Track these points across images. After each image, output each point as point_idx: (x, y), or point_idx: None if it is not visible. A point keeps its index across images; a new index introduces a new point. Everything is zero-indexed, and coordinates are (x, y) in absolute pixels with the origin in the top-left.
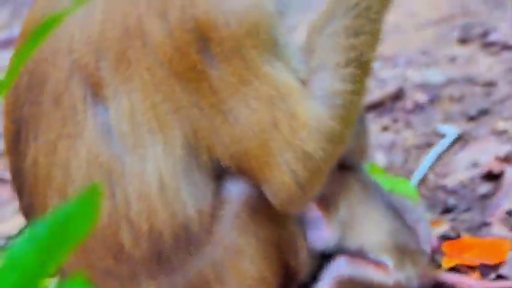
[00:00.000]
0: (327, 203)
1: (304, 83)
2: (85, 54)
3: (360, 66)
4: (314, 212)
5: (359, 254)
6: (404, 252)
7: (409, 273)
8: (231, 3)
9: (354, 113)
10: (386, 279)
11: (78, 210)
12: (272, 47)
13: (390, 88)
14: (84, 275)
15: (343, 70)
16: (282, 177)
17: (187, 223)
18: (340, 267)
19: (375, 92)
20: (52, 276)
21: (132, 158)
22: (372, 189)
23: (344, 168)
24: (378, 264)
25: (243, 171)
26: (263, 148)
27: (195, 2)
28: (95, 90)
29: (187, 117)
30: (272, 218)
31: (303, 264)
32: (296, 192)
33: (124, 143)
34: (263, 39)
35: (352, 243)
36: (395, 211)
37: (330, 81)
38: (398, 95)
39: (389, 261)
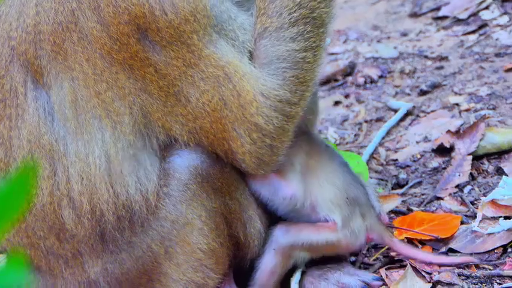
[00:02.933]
0: (281, 166)
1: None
2: (23, 42)
3: (310, 23)
4: (272, 178)
5: (311, 212)
6: (354, 204)
7: (358, 225)
8: None
9: (310, 71)
10: (329, 236)
11: (14, 187)
12: (213, 27)
13: (342, 63)
14: (24, 254)
15: (289, 30)
16: (242, 148)
17: (130, 204)
18: (278, 238)
19: (326, 67)
20: None
21: (76, 141)
22: (324, 149)
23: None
24: (324, 223)
25: (204, 146)
26: (217, 125)
27: None
28: (35, 77)
29: (136, 103)
30: (220, 189)
31: (252, 236)
32: (261, 157)
33: (66, 126)
34: (202, 23)
35: (305, 201)
36: (347, 167)
37: (272, 46)
38: (349, 70)
39: (338, 217)
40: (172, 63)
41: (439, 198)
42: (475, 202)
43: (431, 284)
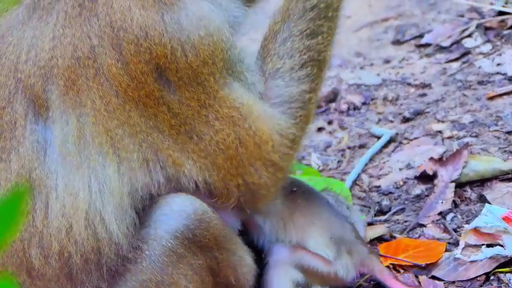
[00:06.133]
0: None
1: (261, 93)
2: (32, 76)
3: (316, 65)
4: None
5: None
6: (339, 243)
7: (345, 263)
8: (186, 34)
9: (312, 110)
10: (321, 267)
11: (2, 213)
12: (228, 70)
13: (325, 89)
14: (11, 277)
15: (299, 72)
16: (255, 182)
17: (101, 247)
18: (273, 253)
19: None
20: None
21: (70, 176)
22: (302, 192)
23: None
24: (318, 256)
25: (213, 181)
26: (231, 161)
27: (150, 34)
28: (39, 111)
29: (146, 140)
30: (207, 245)
31: (245, 275)
32: (268, 190)
33: (65, 161)
34: (219, 66)
35: (292, 238)
36: (329, 205)
37: (286, 87)
38: (333, 97)
39: (329, 253)
40: (186, 103)
41: (421, 225)
42: (458, 229)
43: None
